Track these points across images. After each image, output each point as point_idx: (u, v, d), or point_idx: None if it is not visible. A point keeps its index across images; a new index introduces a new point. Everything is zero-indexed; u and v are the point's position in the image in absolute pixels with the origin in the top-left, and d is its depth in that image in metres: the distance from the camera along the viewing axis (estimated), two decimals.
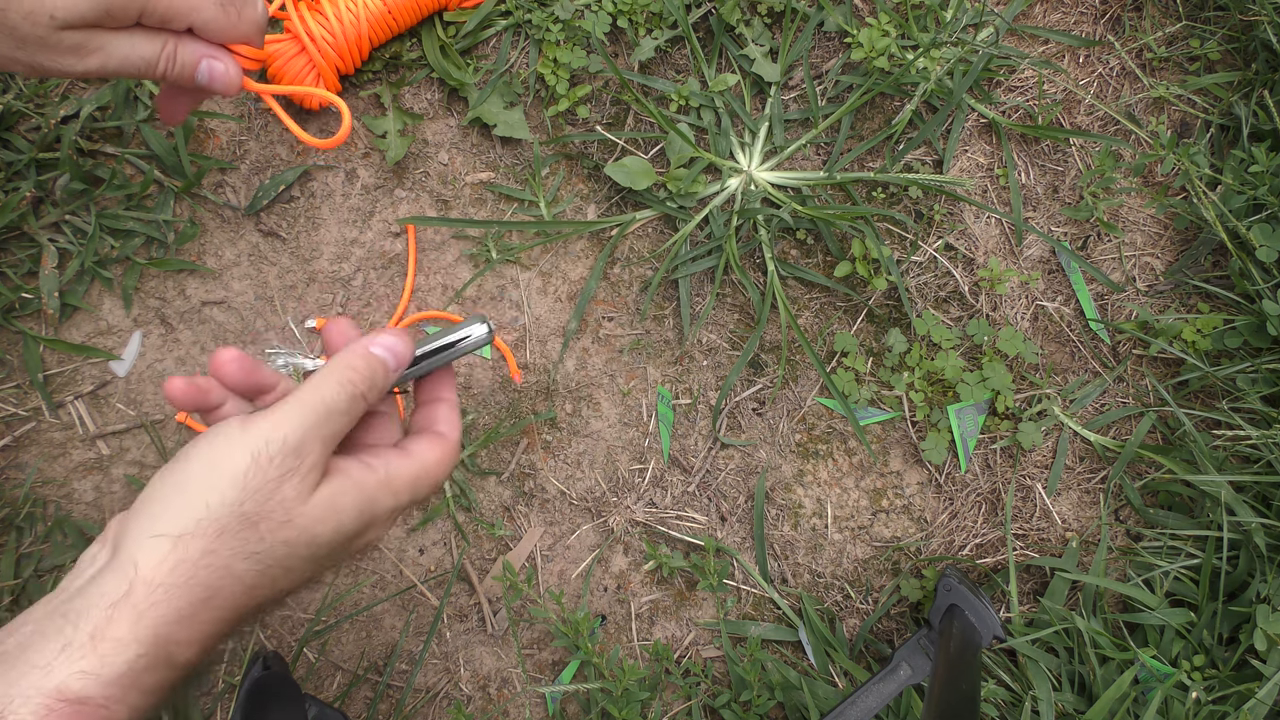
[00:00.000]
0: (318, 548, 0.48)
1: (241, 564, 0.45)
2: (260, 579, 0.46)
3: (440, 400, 0.59)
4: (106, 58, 0.55)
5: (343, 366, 0.50)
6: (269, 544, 0.46)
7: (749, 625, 1.00)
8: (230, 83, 0.60)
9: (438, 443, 0.56)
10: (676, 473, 1.03)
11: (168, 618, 0.43)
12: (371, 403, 0.52)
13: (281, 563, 0.47)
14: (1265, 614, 0.90)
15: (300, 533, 0.47)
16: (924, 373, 1.03)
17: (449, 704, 0.98)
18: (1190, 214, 1.05)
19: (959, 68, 1.05)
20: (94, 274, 0.99)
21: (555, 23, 1.03)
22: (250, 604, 0.46)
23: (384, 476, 0.51)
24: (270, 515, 0.46)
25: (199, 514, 0.44)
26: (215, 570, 0.44)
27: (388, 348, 0.53)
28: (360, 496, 0.49)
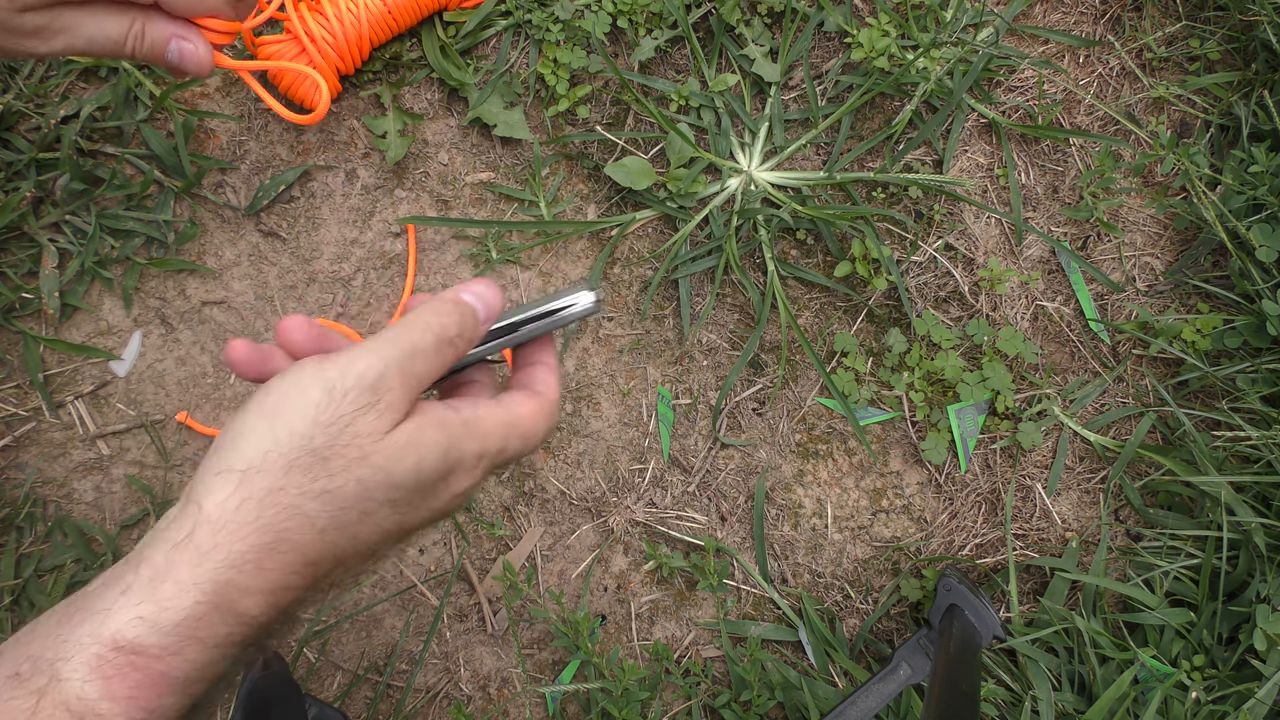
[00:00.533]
0: (395, 489, 0.43)
1: (312, 504, 0.41)
2: (333, 523, 0.42)
3: (538, 364, 0.54)
4: (73, 38, 0.54)
5: (430, 311, 0.46)
6: (341, 482, 0.41)
7: (749, 625, 1.00)
8: (201, 62, 0.58)
9: (532, 398, 0.51)
10: (676, 473, 1.03)
11: (231, 561, 0.39)
12: (460, 351, 0.47)
13: (356, 505, 0.42)
14: (1265, 614, 0.90)
15: (375, 471, 0.42)
16: (924, 373, 1.03)
17: (449, 704, 0.98)
18: (1190, 214, 1.05)
19: (959, 68, 1.05)
20: (94, 274, 0.99)
21: (555, 23, 1.03)
22: (325, 555, 0.42)
23: (469, 417, 0.46)
24: (343, 451, 0.41)
25: (266, 447, 0.41)
26: (283, 509, 0.40)
27: (478, 295, 0.49)
28: (442, 435, 0.44)
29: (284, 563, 0.40)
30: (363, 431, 0.42)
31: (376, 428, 0.42)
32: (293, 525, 0.40)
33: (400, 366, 0.44)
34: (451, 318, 0.47)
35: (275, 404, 0.42)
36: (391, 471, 0.42)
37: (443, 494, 0.46)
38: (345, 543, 0.42)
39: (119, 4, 0.55)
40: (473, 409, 0.47)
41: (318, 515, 0.41)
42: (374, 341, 0.44)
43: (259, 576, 0.40)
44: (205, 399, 1.00)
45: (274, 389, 0.42)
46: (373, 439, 0.42)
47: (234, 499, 0.40)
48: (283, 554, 0.40)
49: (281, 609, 0.41)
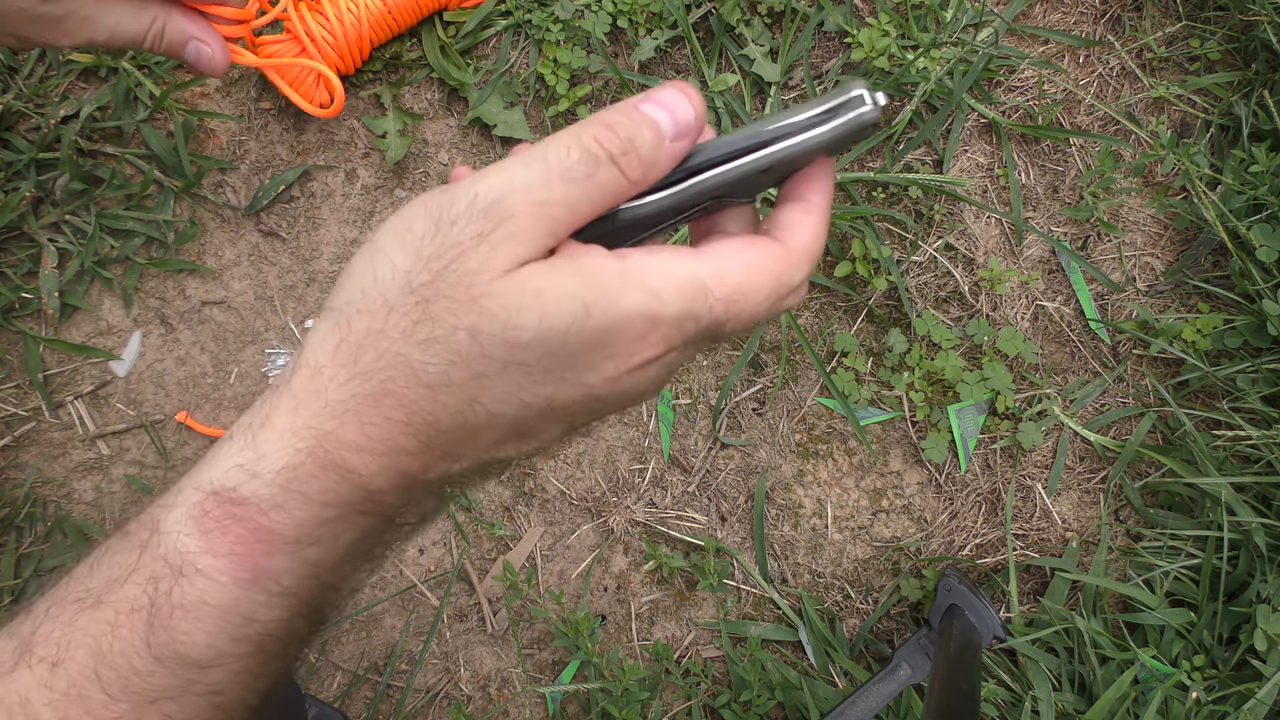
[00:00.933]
0: (518, 349, 0.34)
1: (417, 353, 0.34)
2: (444, 379, 0.34)
3: (794, 200, 0.39)
4: (94, 30, 0.55)
5: (588, 122, 0.35)
6: (447, 329, 0.33)
7: (749, 625, 1.00)
8: (217, 64, 0.60)
9: (756, 244, 0.37)
10: (676, 473, 1.03)
11: (330, 409, 0.34)
12: (635, 180, 0.35)
13: (470, 362, 0.34)
14: (1265, 614, 0.90)
15: (488, 319, 0.33)
16: (924, 373, 1.03)
17: (449, 704, 0.98)
18: (1190, 214, 1.05)
19: (959, 68, 1.05)
20: (94, 274, 0.99)
21: (555, 23, 1.03)
22: (441, 418, 0.34)
23: (635, 265, 0.35)
24: (448, 292, 0.34)
25: (365, 284, 0.34)
26: (384, 356, 0.34)
27: (663, 104, 0.36)
28: (586, 288, 0.34)
29: (391, 418, 0.34)
30: (473, 268, 0.34)
31: (491, 264, 0.34)
32: (396, 375, 0.34)
33: (530, 192, 0.34)
34: (617, 129, 0.35)
35: (381, 239, 0.35)
36: (511, 325, 0.34)
37: (601, 368, 0.35)
38: (465, 408, 0.34)
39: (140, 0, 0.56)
40: (644, 257, 0.35)
41: (424, 367, 0.34)
42: (504, 160, 0.36)
43: (363, 431, 0.34)
44: (205, 399, 1.00)
45: (385, 223, 0.36)
46: (486, 277, 0.33)
47: (331, 339, 0.34)
48: (388, 408, 0.34)
49: (405, 477, 0.35)
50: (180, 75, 1.02)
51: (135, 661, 0.32)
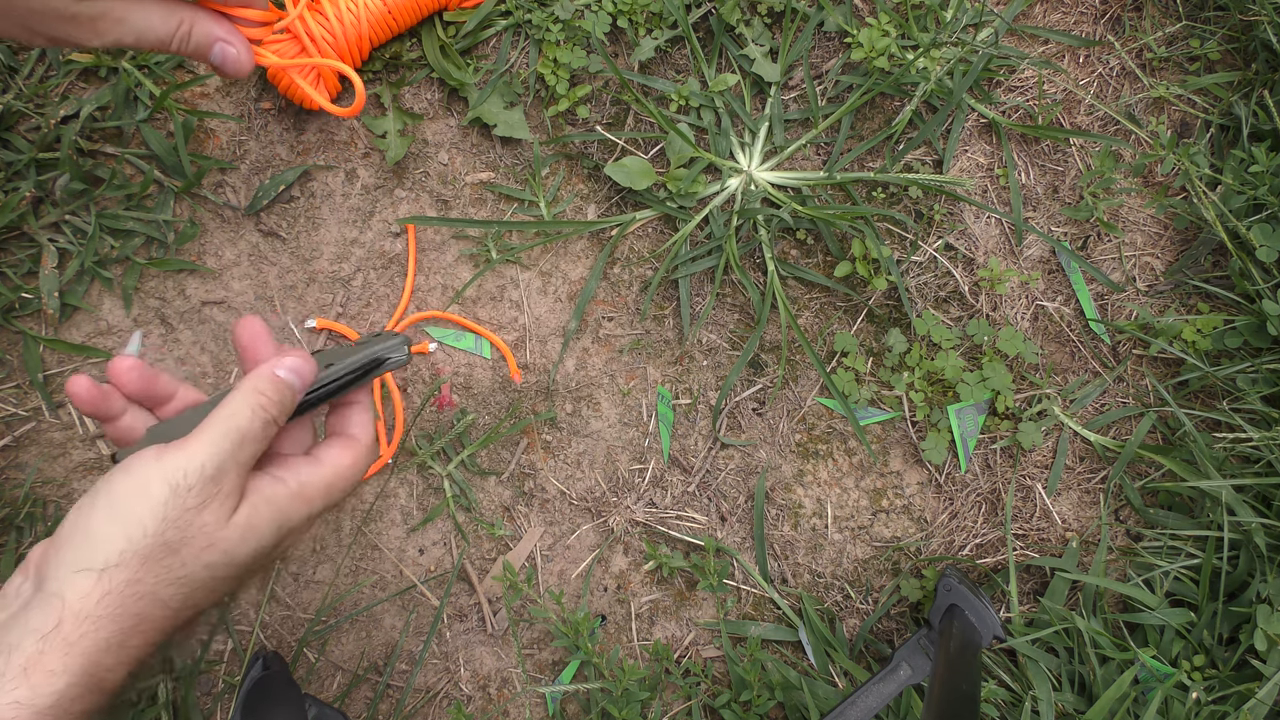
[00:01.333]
0: (238, 566, 0.49)
1: (167, 590, 0.47)
2: (185, 602, 0.48)
3: (352, 404, 0.60)
4: (125, 31, 0.55)
5: (253, 392, 0.52)
6: (192, 569, 0.47)
7: (749, 625, 1.00)
8: (241, 66, 0.61)
9: (350, 447, 0.57)
10: (676, 473, 1.03)
11: (98, 647, 0.44)
12: (281, 425, 0.53)
13: (205, 585, 0.48)
14: (1265, 614, 0.90)
15: (222, 555, 0.48)
16: (924, 373, 1.03)
17: (449, 704, 0.98)
18: (1190, 214, 1.05)
19: (959, 68, 1.05)
20: (94, 274, 0.99)
21: (555, 23, 1.03)
22: (175, 625, 0.48)
23: (296, 488, 0.52)
24: (192, 541, 0.47)
25: (121, 546, 0.46)
26: (142, 599, 0.46)
27: (293, 369, 0.54)
28: (275, 511, 0.51)
29: (143, 641, 0.46)
30: (208, 522, 0.48)
31: (219, 517, 0.48)
32: (151, 611, 0.46)
33: (234, 456, 0.49)
34: (272, 398, 0.52)
35: (124, 504, 0.47)
36: (235, 554, 0.49)
37: (275, 555, 0.53)
38: (191, 613, 0.49)
39: (166, 1, 0.57)
40: (296, 477, 0.53)
41: (171, 598, 0.47)
42: (206, 432, 0.49)
43: (122, 654, 0.45)
44: None
45: (118, 487, 0.48)
46: (218, 527, 0.48)
47: (95, 594, 0.45)
48: (142, 634, 0.46)
49: (139, 673, 0.47)
50: (180, 75, 1.02)
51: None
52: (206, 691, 0.95)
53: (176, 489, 0.47)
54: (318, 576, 0.99)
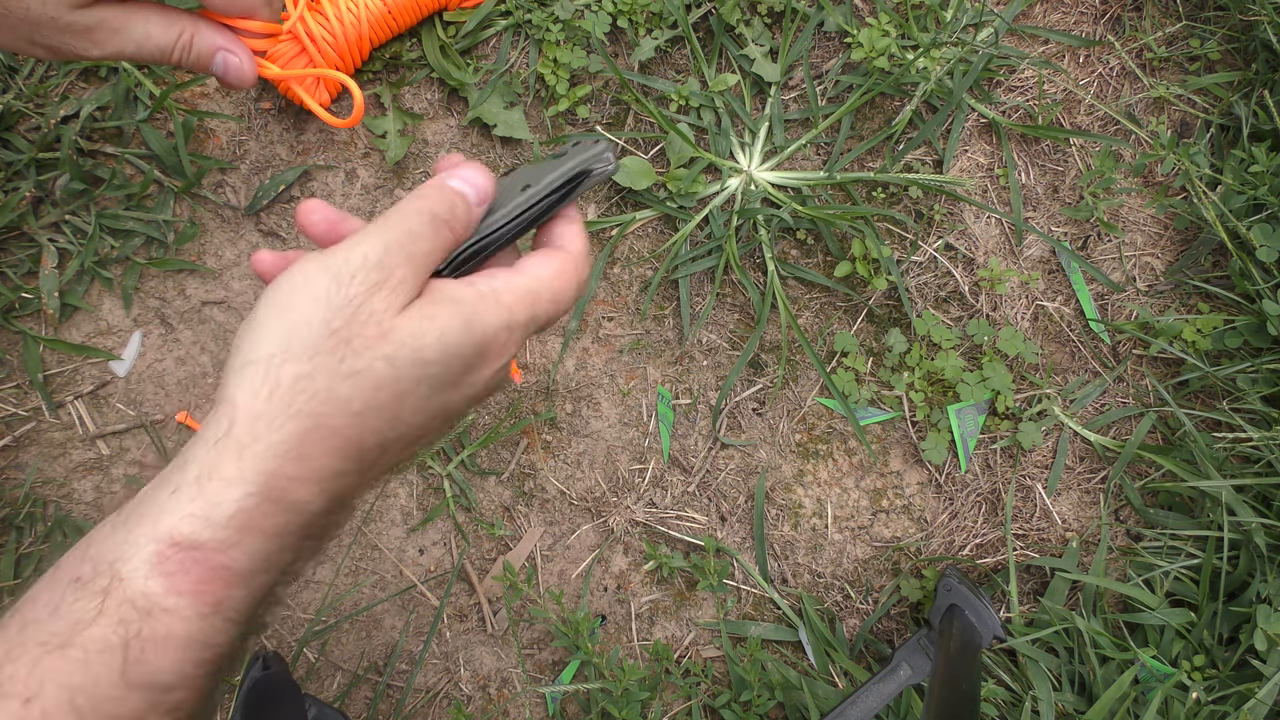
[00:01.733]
0: (426, 366, 0.42)
1: (343, 386, 0.41)
2: (369, 405, 0.41)
3: (556, 218, 0.52)
4: (124, 42, 0.54)
5: (417, 196, 0.46)
6: (368, 361, 0.41)
7: (749, 625, 1.00)
8: (244, 76, 0.59)
9: (555, 256, 0.49)
10: (676, 473, 1.03)
11: (274, 452, 0.39)
12: (457, 234, 0.47)
13: (389, 386, 0.42)
14: (1265, 614, 0.90)
15: (400, 347, 0.42)
16: (924, 373, 1.03)
17: (449, 704, 0.98)
18: (1190, 214, 1.05)
19: (959, 68, 1.05)
20: (94, 274, 0.99)
21: (555, 23, 1.03)
22: (367, 438, 0.42)
23: (486, 291, 0.45)
24: (363, 330, 0.41)
25: (285, 338, 0.41)
26: (315, 396, 0.40)
27: (466, 180, 0.48)
28: (460, 309, 0.44)
29: (328, 449, 0.40)
30: (378, 309, 0.42)
31: (390, 304, 0.42)
32: (329, 411, 0.40)
33: (401, 247, 0.43)
34: (438, 201, 0.46)
35: (286, 297, 0.42)
36: (417, 346, 0.42)
37: (481, 371, 0.45)
38: (385, 425, 0.42)
39: (167, 11, 0.56)
40: (488, 281, 0.46)
41: (351, 398, 0.41)
42: (370, 227, 0.44)
43: (303, 464, 0.40)
44: (205, 399, 1.00)
45: (281, 284, 0.42)
46: (388, 314, 0.42)
47: (263, 389, 0.40)
48: (324, 440, 0.40)
49: (335, 496, 0.41)
50: (180, 75, 1.02)
51: (110, 691, 0.36)
52: None
53: (339, 276, 0.42)
54: (318, 576, 0.99)
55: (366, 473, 0.42)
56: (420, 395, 0.43)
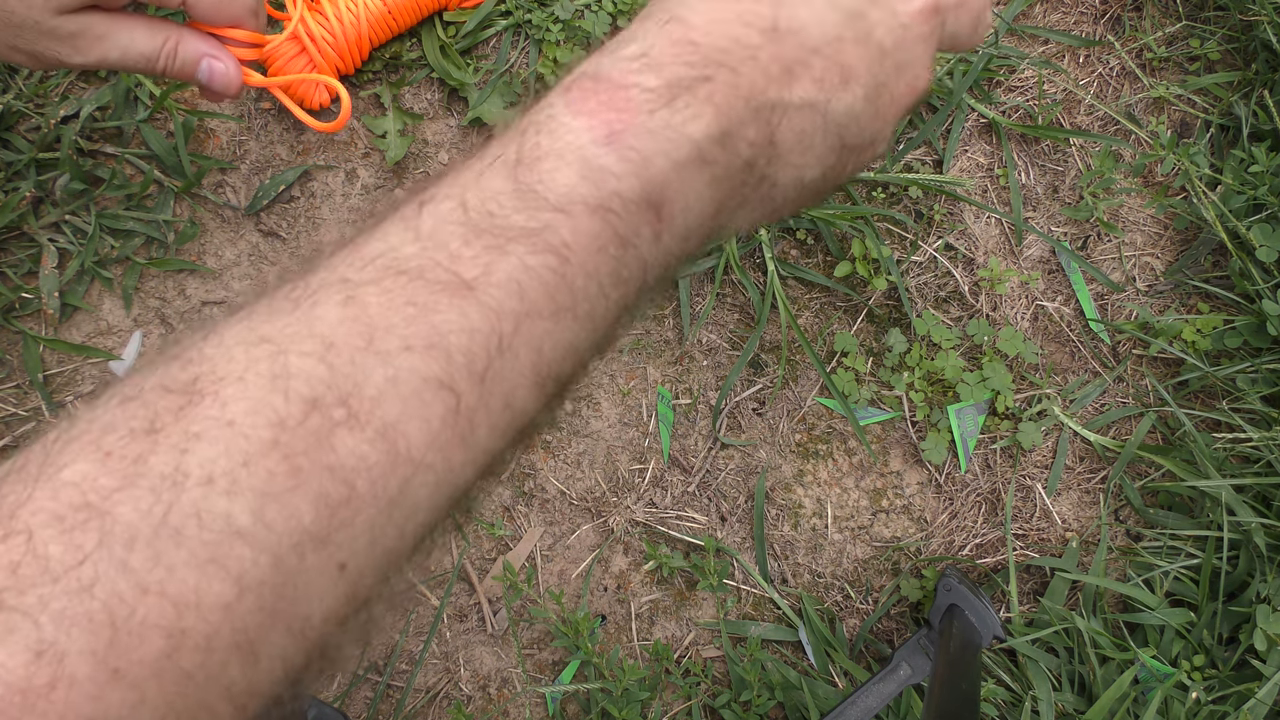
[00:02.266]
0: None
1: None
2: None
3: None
4: (107, 49, 0.54)
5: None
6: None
7: (749, 625, 1.00)
8: (230, 83, 0.59)
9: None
10: (676, 473, 1.03)
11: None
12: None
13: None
14: (1265, 614, 0.90)
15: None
16: (924, 373, 1.03)
17: (449, 704, 0.98)
18: (1190, 214, 1.05)
19: (959, 68, 1.05)
20: (94, 274, 0.99)
21: (555, 23, 1.03)
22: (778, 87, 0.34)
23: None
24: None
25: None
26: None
27: None
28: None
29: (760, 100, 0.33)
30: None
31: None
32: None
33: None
34: None
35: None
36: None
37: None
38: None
39: (152, 19, 0.55)
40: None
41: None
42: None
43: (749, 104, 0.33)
44: None
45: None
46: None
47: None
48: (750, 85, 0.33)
49: (755, 153, 0.34)
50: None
51: (500, 198, 0.31)
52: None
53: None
54: None
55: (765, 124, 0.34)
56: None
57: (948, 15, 0.39)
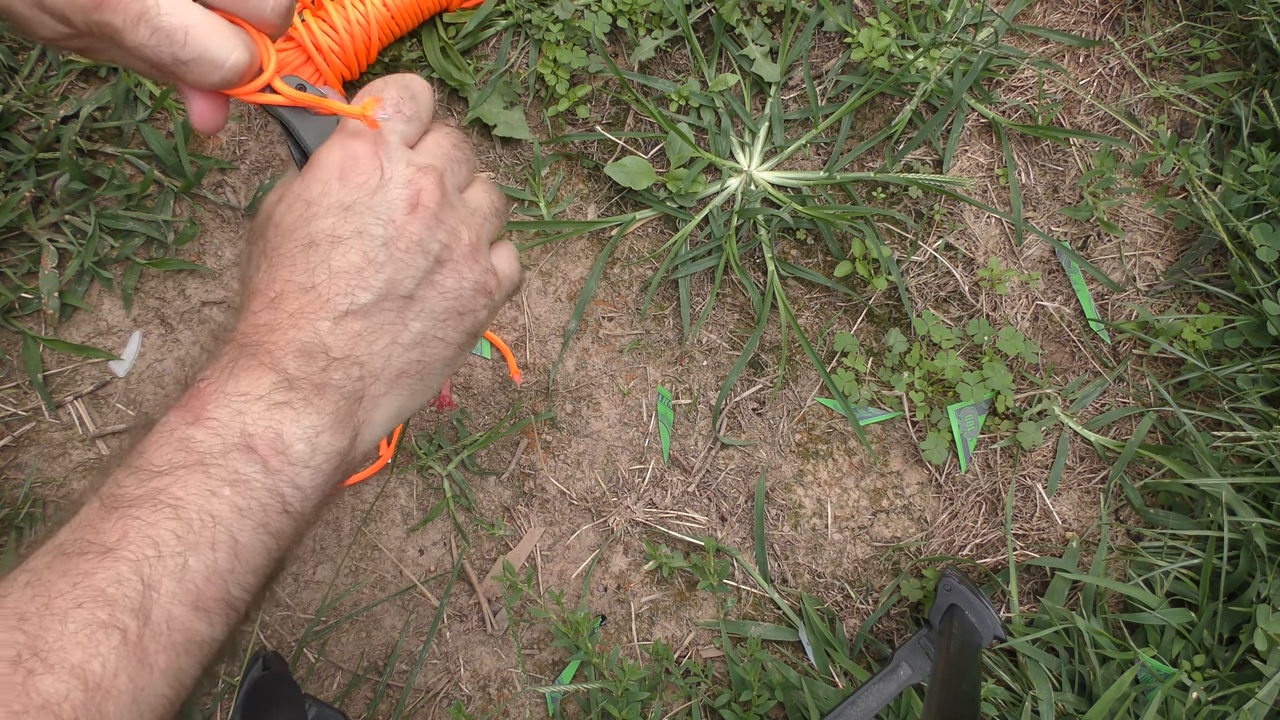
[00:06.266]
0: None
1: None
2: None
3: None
4: (144, 57, 0.46)
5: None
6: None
7: (749, 625, 1.00)
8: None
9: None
10: (676, 473, 1.03)
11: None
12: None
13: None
14: (1265, 614, 0.90)
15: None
16: (924, 373, 1.03)
17: (449, 704, 0.98)
18: (1190, 214, 1.05)
19: (959, 68, 1.05)
20: (94, 274, 0.99)
21: (555, 23, 1.03)
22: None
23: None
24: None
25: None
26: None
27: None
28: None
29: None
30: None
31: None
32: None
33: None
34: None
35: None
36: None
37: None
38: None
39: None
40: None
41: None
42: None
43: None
44: None
45: None
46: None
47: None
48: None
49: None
50: None
51: (120, 479, 0.43)
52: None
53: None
54: (318, 576, 0.99)
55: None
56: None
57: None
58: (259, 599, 0.43)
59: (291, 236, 0.47)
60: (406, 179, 0.48)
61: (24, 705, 0.34)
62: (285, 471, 0.43)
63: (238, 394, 0.43)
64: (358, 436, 0.46)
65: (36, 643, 0.36)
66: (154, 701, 0.38)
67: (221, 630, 0.41)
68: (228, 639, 0.42)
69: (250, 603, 0.42)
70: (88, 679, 0.36)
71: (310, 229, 0.47)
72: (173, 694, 0.39)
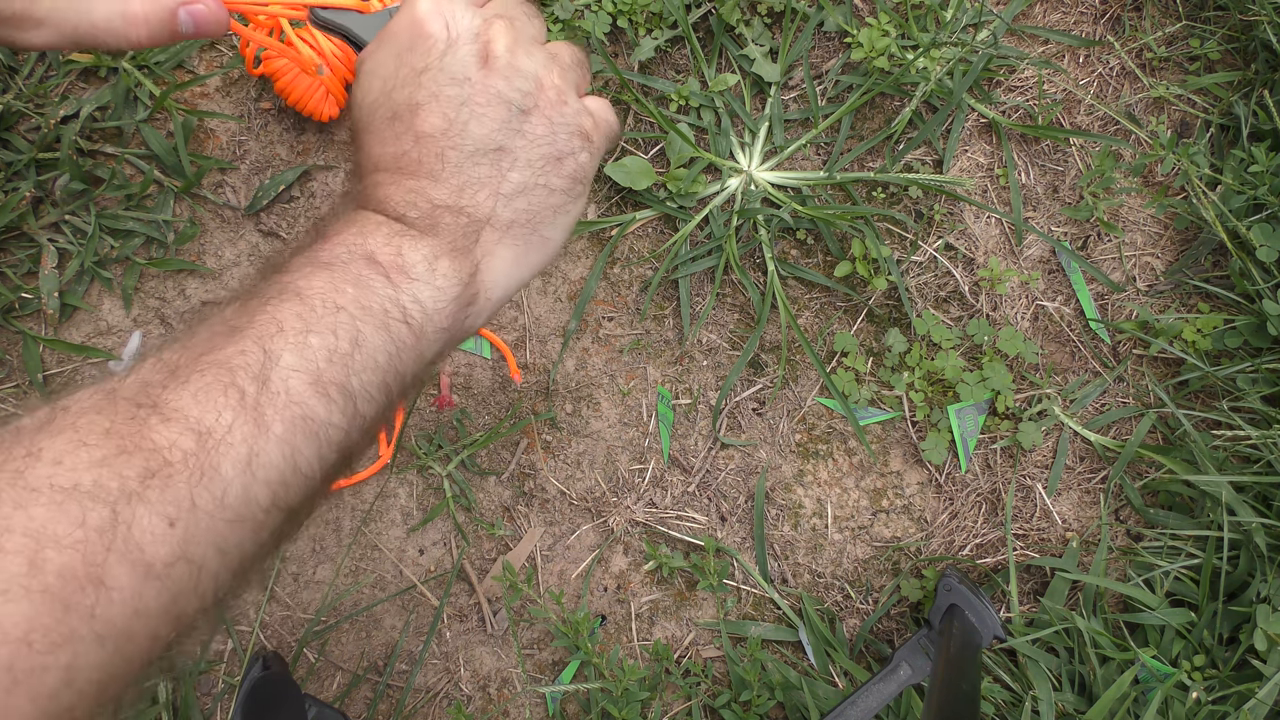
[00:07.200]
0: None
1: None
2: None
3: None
4: (58, 27, 0.47)
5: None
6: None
7: (749, 625, 1.00)
8: (219, 21, 0.52)
9: None
10: (676, 473, 1.03)
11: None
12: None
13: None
14: (1265, 614, 0.90)
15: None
16: (924, 373, 1.03)
17: (449, 704, 0.98)
18: (1190, 214, 1.05)
19: (959, 68, 1.05)
20: (94, 274, 0.99)
21: (555, 23, 1.03)
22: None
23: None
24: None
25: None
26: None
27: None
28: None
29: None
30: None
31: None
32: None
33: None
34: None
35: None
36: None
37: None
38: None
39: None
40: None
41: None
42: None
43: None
44: None
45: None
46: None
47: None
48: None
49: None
50: (180, 75, 1.02)
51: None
52: (206, 692, 0.95)
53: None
54: (318, 576, 0.99)
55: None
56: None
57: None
58: (382, 411, 0.43)
59: (376, 113, 0.51)
60: (474, 33, 0.50)
61: (136, 445, 0.35)
62: (406, 287, 0.45)
63: (359, 230, 0.46)
64: (477, 274, 0.48)
65: (158, 401, 0.37)
66: (268, 472, 0.37)
67: (339, 418, 0.40)
68: (352, 440, 0.41)
69: (372, 411, 0.42)
70: (201, 430, 0.36)
71: (391, 102, 0.50)
72: (289, 471, 0.38)
